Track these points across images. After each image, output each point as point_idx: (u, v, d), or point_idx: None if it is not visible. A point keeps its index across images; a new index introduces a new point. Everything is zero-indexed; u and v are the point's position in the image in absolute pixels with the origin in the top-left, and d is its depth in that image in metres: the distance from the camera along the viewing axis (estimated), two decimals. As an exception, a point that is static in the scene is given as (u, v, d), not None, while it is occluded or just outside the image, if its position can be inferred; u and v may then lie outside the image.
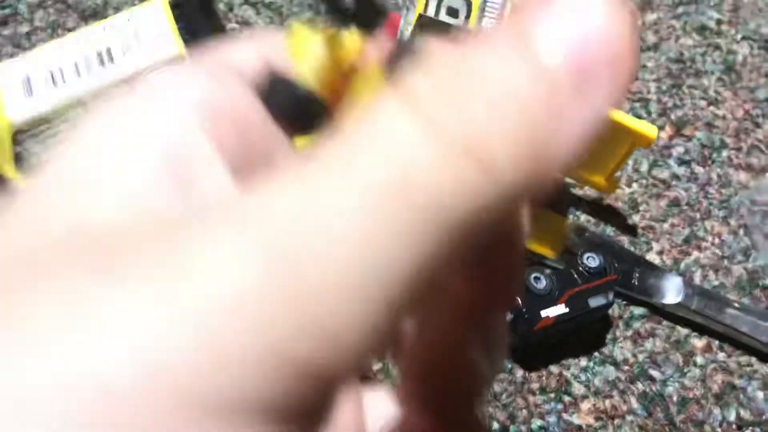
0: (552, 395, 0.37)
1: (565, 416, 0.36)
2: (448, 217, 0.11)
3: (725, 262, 0.43)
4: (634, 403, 0.38)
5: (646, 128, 0.39)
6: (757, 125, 0.49)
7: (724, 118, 0.50)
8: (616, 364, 0.39)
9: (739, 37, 0.53)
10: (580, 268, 0.38)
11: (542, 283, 0.36)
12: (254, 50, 0.15)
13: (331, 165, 0.11)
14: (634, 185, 0.46)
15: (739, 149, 0.48)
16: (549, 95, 0.12)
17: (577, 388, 0.37)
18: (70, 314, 0.10)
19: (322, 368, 0.10)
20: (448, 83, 0.12)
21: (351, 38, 0.15)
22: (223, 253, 0.10)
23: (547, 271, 0.37)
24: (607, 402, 0.37)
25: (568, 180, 0.44)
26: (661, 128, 0.48)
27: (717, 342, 0.41)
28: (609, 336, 0.40)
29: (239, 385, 0.10)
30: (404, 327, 0.15)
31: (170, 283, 0.10)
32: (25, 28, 0.41)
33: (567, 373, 0.38)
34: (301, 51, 0.15)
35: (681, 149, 0.48)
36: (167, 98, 0.14)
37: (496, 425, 0.35)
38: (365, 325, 0.11)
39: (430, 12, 0.36)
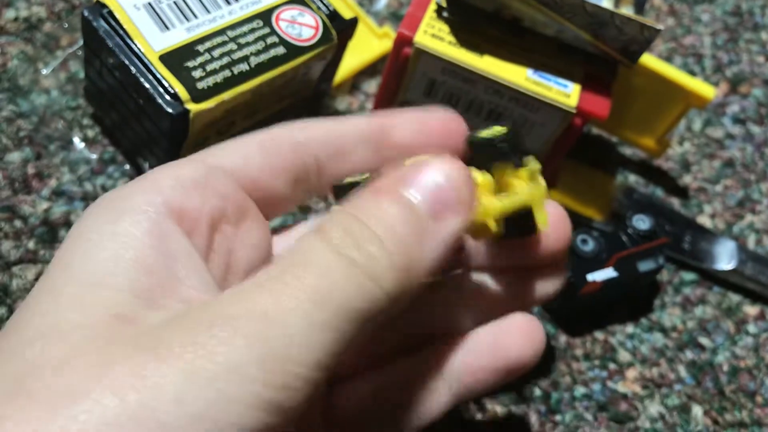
0: (597, 362, 0.36)
1: (610, 384, 0.35)
2: (353, 312, 0.18)
3: (781, 226, 0.41)
4: (683, 372, 0.36)
5: (702, 87, 0.37)
6: (819, 82, 0.46)
7: (783, 74, 0.47)
8: (664, 330, 0.37)
9: (801, -12, 0.50)
10: (629, 231, 0.36)
11: (589, 246, 0.35)
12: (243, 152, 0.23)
13: (281, 280, 0.18)
14: (686, 144, 0.44)
15: (798, 108, 0.45)
16: (416, 227, 0.20)
17: (623, 356, 0.36)
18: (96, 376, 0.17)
19: (285, 408, 0.17)
20: (351, 227, 0.19)
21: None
22: (225, 338, 0.17)
23: (595, 233, 0.35)
24: (654, 370, 0.36)
25: (616, 139, 0.42)
26: (715, 85, 0.46)
27: (771, 310, 0.39)
28: (657, 302, 0.38)
29: (235, 414, 0.17)
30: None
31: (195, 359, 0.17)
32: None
33: (613, 340, 0.36)
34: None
35: (736, 107, 0.46)
36: (137, 209, 0.20)
37: (538, 391, 0.34)
38: (303, 392, 0.17)
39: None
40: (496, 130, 0.23)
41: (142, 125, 0.32)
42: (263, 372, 0.17)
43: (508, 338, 0.25)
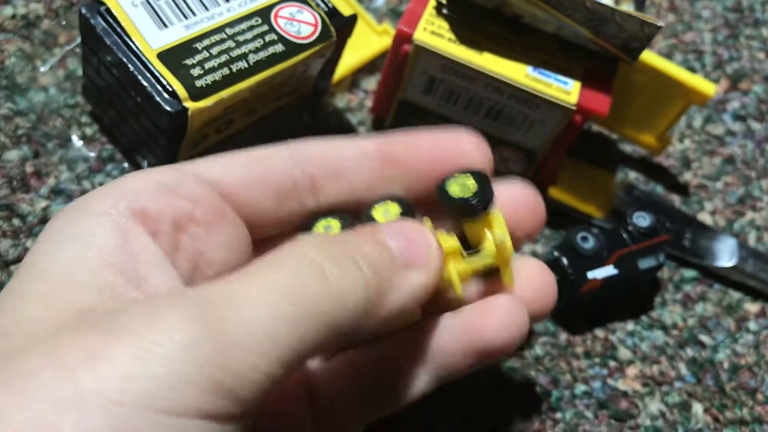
0: (597, 360, 0.35)
1: (611, 381, 0.35)
2: (319, 315, 0.18)
3: (782, 223, 0.41)
4: (683, 369, 0.36)
5: (702, 84, 0.37)
6: (820, 79, 0.46)
7: (783, 71, 0.47)
8: (664, 328, 0.37)
9: (801, -16, 0.50)
10: (630, 228, 0.36)
11: (589, 244, 0.35)
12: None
13: (248, 275, 0.19)
14: (687, 141, 0.44)
15: (799, 104, 0.45)
16: (389, 265, 0.21)
17: (624, 353, 0.36)
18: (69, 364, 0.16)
19: (241, 397, 0.17)
20: (329, 246, 0.20)
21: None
22: (182, 319, 0.17)
23: (595, 230, 0.35)
24: (655, 368, 0.36)
25: (617, 136, 0.42)
26: (715, 81, 0.46)
27: (772, 307, 0.39)
28: (658, 299, 0.38)
29: (187, 394, 0.16)
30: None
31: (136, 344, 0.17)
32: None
33: (613, 337, 0.36)
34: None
35: (737, 104, 0.45)
36: (110, 212, 0.21)
37: (538, 389, 0.34)
38: (259, 383, 0.17)
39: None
40: (468, 184, 0.24)
41: (140, 123, 0.32)
42: (219, 356, 0.17)
43: (483, 320, 0.25)
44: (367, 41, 0.41)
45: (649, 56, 0.37)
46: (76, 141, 0.35)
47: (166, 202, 0.22)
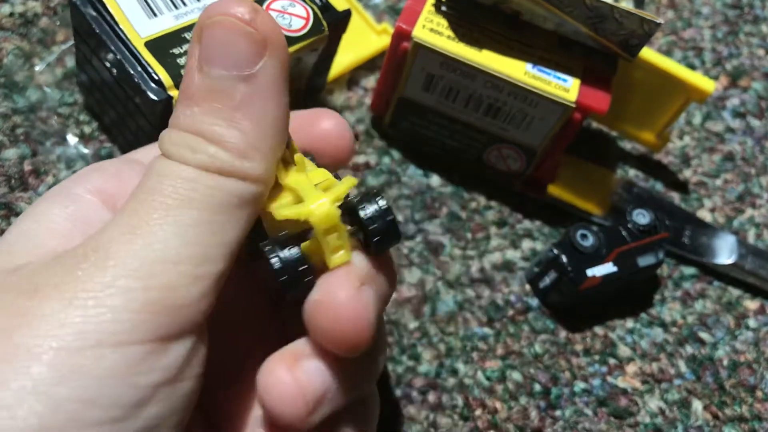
0: (596, 357, 0.35)
1: (610, 379, 0.35)
2: (223, 198, 0.19)
3: (781, 220, 0.41)
4: (683, 367, 0.36)
5: (702, 81, 0.37)
6: (819, 75, 0.46)
7: (783, 67, 0.47)
8: (664, 325, 0.37)
9: (801, -20, 0.50)
10: (629, 226, 0.36)
11: (589, 241, 0.35)
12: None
13: (137, 200, 0.19)
14: (686, 138, 0.43)
15: (798, 101, 0.45)
16: (240, 96, 0.20)
17: (623, 350, 0.36)
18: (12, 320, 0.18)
19: (178, 305, 0.18)
20: (187, 141, 0.20)
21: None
22: (97, 262, 0.18)
23: (594, 228, 0.35)
24: (654, 365, 0.36)
25: (616, 133, 0.42)
26: (715, 78, 0.46)
27: (771, 304, 0.39)
28: (657, 296, 0.38)
29: (122, 322, 0.18)
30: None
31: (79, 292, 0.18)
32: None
33: (612, 335, 0.36)
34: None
35: (736, 101, 0.45)
36: (77, 189, 0.22)
37: (538, 387, 0.34)
38: (202, 276, 0.19)
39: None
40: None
41: (133, 118, 0.32)
42: (141, 280, 0.18)
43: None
44: (367, 40, 0.41)
45: (648, 53, 0.37)
46: (72, 139, 0.35)
47: (120, 182, 0.23)
